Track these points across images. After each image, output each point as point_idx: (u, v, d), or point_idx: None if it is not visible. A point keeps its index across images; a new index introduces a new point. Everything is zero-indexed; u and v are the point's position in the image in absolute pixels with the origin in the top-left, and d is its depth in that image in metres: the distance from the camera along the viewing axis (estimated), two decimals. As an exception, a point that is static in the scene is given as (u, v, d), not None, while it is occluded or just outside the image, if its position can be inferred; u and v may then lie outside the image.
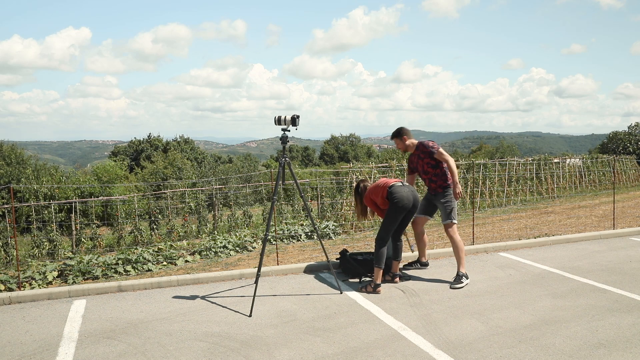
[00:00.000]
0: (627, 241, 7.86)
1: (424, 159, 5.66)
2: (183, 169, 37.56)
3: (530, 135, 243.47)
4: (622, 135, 39.28)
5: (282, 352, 3.88)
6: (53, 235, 10.19)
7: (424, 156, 5.65)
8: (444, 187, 5.64)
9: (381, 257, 5.32)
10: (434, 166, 5.63)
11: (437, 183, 5.65)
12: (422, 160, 5.68)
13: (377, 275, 5.32)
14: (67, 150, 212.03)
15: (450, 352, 3.85)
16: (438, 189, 5.66)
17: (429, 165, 5.64)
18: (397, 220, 5.37)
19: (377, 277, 5.32)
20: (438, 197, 5.69)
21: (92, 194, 22.41)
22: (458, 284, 5.47)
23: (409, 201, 5.30)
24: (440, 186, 5.65)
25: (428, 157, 5.62)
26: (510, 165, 15.63)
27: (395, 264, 5.65)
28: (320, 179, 15.70)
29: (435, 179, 5.65)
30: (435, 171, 5.63)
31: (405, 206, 5.29)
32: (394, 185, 5.37)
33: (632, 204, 13.04)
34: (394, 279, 5.64)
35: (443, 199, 5.65)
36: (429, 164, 5.64)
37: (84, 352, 3.92)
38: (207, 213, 12.89)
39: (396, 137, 5.82)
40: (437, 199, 5.72)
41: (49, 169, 30.83)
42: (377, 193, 5.46)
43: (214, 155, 65.86)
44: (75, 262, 6.38)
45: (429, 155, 5.61)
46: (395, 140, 5.84)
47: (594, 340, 4.02)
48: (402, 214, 5.35)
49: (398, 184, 5.39)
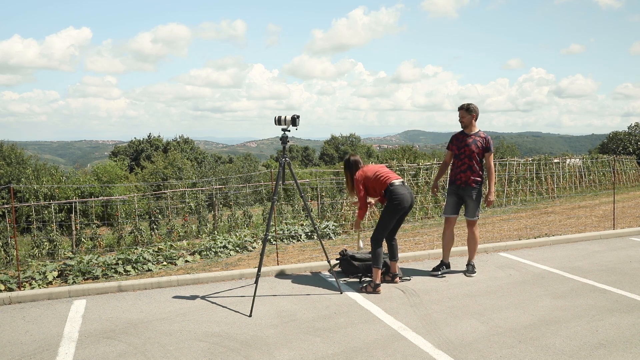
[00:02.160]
0: (627, 241, 7.86)
1: (479, 148, 5.68)
2: (183, 169, 37.57)
3: (530, 136, 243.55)
4: (622, 135, 39.29)
5: (282, 352, 3.88)
6: (53, 235, 10.19)
7: (481, 145, 5.69)
8: (477, 182, 5.72)
9: (378, 257, 5.31)
10: (480, 160, 5.74)
11: (474, 176, 5.69)
12: (478, 147, 5.68)
13: (376, 275, 5.31)
14: (67, 150, 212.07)
15: (450, 352, 3.85)
16: (470, 182, 5.70)
17: (478, 155, 5.69)
18: (393, 220, 5.36)
19: (376, 277, 5.31)
20: (468, 191, 5.73)
21: (92, 194, 22.42)
22: (473, 273, 5.86)
23: (407, 203, 5.30)
24: (474, 180, 5.71)
25: (482, 149, 5.69)
26: (510, 165, 15.63)
27: (393, 264, 5.65)
28: (320, 179, 15.70)
29: (475, 169, 5.70)
30: (478, 164, 5.71)
31: (403, 208, 5.30)
32: (395, 183, 5.32)
33: (632, 204, 13.03)
34: (394, 279, 5.64)
35: (475, 193, 5.73)
36: (479, 154, 5.69)
37: (84, 352, 3.92)
38: (207, 213, 12.88)
39: (465, 111, 5.75)
40: (466, 192, 5.75)
41: (49, 169, 30.86)
42: (376, 183, 5.37)
43: (214, 155, 65.85)
44: (75, 262, 6.38)
45: (485, 149, 5.69)
46: (463, 113, 5.76)
47: (594, 341, 4.02)
48: (398, 215, 5.35)
49: (398, 182, 5.34)
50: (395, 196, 5.26)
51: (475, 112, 5.75)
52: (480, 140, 5.70)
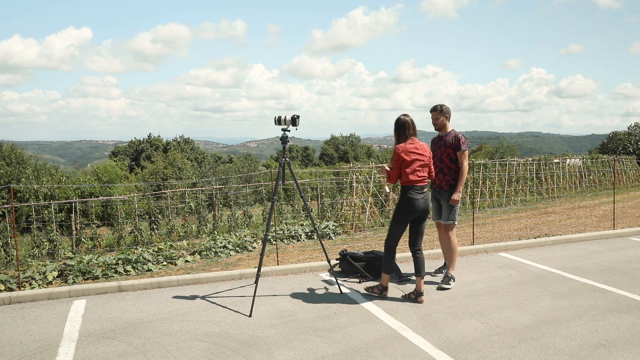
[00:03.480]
0: (627, 241, 7.86)
1: (449, 148, 5.48)
2: (183, 169, 37.56)
3: (530, 136, 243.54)
4: (621, 135, 39.30)
5: (282, 352, 3.88)
6: (53, 235, 10.18)
7: (450, 145, 5.46)
8: (451, 185, 5.51)
9: (387, 263, 5.09)
10: (453, 160, 5.50)
11: (447, 178, 5.50)
12: (447, 148, 5.49)
13: (384, 279, 5.15)
14: (67, 150, 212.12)
15: (450, 352, 3.85)
16: (444, 185, 5.53)
17: (449, 156, 5.49)
18: (404, 224, 5.03)
19: (384, 281, 5.15)
20: (442, 194, 5.56)
21: (92, 194, 22.42)
22: (446, 285, 5.41)
23: (418, 209, 4.94)
24: (447, 183, 5.52)
25: (452, 149, 5.46)
26: (510, 165, 15.63)
27: (418, 281, 5.03)
28: (320, 179, 15.70)
29: (447, 172, 5.51)
30: (451, 165, 5.50)
31: (412, 213, 4.96)
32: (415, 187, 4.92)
33: (632, 204, 13.03)
34: (418, 298, 4.99)
35: (448, 196, 5.52)
36: (449, 155, 5.49)
37: (84, 352, 3.92)
38: (207, 213, 12.88)
39: (439, 112, 5.56)
40: (441, 195, 5.58)
41: (49, 169, 30.84)
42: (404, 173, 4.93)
43: (214, 155, 65.84)
44: (75, 262, 6.38)
45: (455, 147, 5.45)
46: (436, 115, 5.58)
47: (594, 341, 4.02)
48: (409, 219, 5.02)
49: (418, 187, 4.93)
50: (410, 196, 4.92)
51: (448, 113, 5.59)
52: (451, 139, 5.48)
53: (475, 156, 41.95)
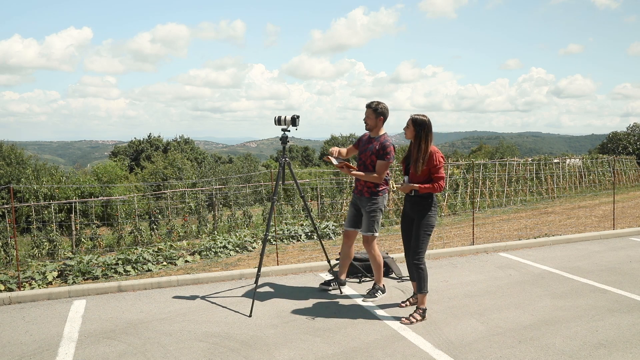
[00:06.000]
0: (627, 241, 7.86)
1: (373, 155, 4.87)
2: (183, 169, 37.55)
3: (530, 136, 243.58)
4: (621, 135, 39.31)
5: (282, 352, 3.88)
6: (53, 236, 10.17)
7: (375, 152, 4.85)
8: (372, 193, 4.91)
9: (423, 280, 4.54)
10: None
11: (369, 184, 4.91)
12: (372, 154, 4.88)
13: (421, 300, 4.58)
14: (67, 150, 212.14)
15: (450, 352, 3.85)
16: (365, 192, 4.94)
17: (372, 163, 4.88)
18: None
19: (421, 302, 4.58)
20: (363, 202, 4.97)
21: (92, 194, 22.40)
22: (371, 297, 5.05)
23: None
24: (369, 191, 4.92)
25: (376, 156, 4.85)
26: (510, 165, 15.63)
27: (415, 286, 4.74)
28: (320, 179, 15.69)
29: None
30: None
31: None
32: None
33: (632, 204, 13.04)
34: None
35: (369, 207, 4.92)
36: (373, 162, 4.88)
37: (84, 352, 3.92)
38: (207, 213, 12.87)
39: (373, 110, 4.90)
40: (362, 203, 4.98)
41: (49, 169, 30.85)
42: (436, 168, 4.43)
43: (214, 156, 65.84)
44: (75, 262, 6.38)
45: (378, 156, 4.84)
46: (369, 112, 4.91)
47: (594, 341, 4.02)
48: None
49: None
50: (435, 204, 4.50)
51: (384, 114, 4.90)
52: (378, 144, 4.84)
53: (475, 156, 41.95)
